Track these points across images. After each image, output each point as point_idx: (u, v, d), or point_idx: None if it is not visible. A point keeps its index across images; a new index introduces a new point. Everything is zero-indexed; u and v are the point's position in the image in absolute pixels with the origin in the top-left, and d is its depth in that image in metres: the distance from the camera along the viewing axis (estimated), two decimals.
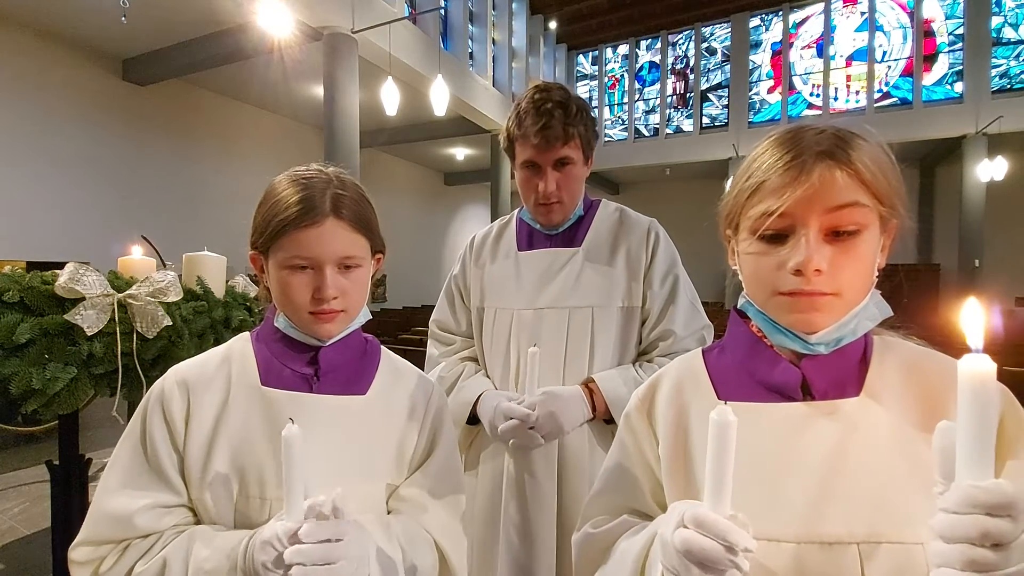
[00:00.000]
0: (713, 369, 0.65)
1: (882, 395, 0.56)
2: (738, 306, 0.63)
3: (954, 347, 0.58)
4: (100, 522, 0.64)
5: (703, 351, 0.69)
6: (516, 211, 1.30)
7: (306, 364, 0.73)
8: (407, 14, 7.13)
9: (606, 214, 1.21)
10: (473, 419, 1.15)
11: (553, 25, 12.50)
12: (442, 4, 8.64)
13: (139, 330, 1.39)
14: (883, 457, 0.53)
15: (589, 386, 1.09)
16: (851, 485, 0.52)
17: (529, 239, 1.23)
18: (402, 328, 7.28)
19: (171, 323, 1.44)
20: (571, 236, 1.19)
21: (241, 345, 0.75)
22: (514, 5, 11.08)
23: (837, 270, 0.52)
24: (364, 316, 0.77)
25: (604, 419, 1.10)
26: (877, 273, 0.56)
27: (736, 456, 0.55)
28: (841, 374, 0.57)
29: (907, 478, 0.51)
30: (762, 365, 0.60)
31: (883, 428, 0.54)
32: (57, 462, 1.58)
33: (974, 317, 0.43)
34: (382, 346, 0.84)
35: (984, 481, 0.39)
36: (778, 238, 0.55)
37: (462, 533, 0.79)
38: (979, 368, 0.39)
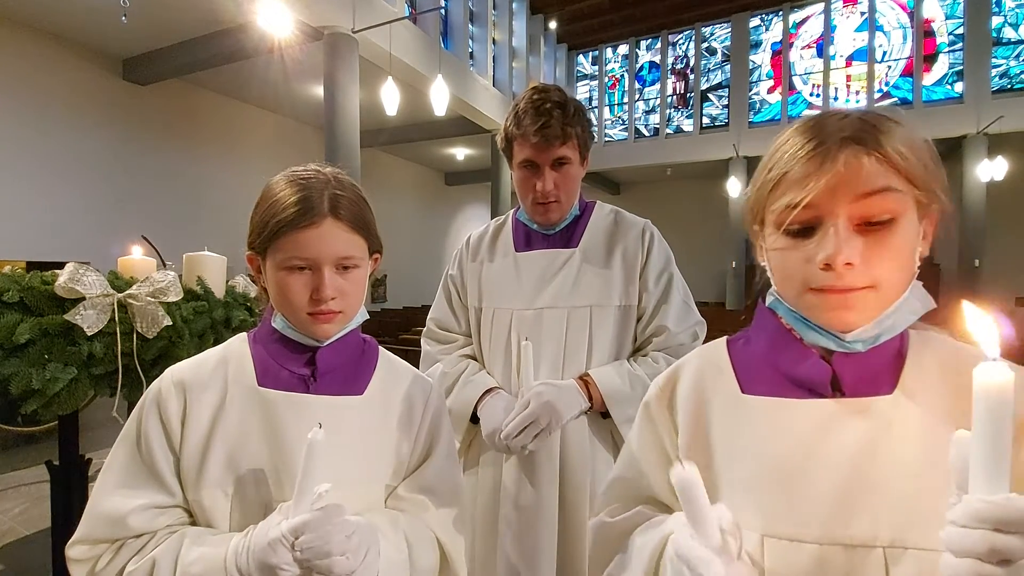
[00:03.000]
0: (737, 360, 0.62)
1: (918, 393, 0.52)
2: (767, 304, 0.61)
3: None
4: (95, 521, 0.64)
5: (728, 340, 0.65)
6: (511, 211, 1.30)
7: (303, 365, 0.72)
8: (407, 14, 7.13)
9: (602, 215, 1.23)
10: (475, 417, 1.15)
11: (553, 25, 12.49)
12: (442, 4, 8.64)
13: (139, 330, 1.39)
14: (915, 459, 0.50)
15: (584, 379, 1.11)
16: (879, 487, 0.50)
17: (526, 239, 1.23)
18: (402, 328, 7.29)
19: (171, 323, 1.44)
20: (568, 237, 1.20)
21: (238, 345, 0.75)
22: (514, 5, 11.08)
23: (871, 262, 0.49)
24: (362, 316, 0.77)
25: (601, 412, 1.12)
26: (919, 263, 0.52)
27: (758, 452, 0.55)
28: (875, 370, 0.53)
29: (939, 482, 0.47)
30: (789, 358, 0.57)
31: (916, 428, 0.51)
32: (57, 462, 1.58)
33: (988, 323, 0.40)
34: (380, 347, 0.83)
35: (995, 495, 0.37)
36: (805, 231, 0.51)
37: (462, 532, 0.80)
38: (995, 378, 0.37)
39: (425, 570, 0.71)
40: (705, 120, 12.72)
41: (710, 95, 12.76)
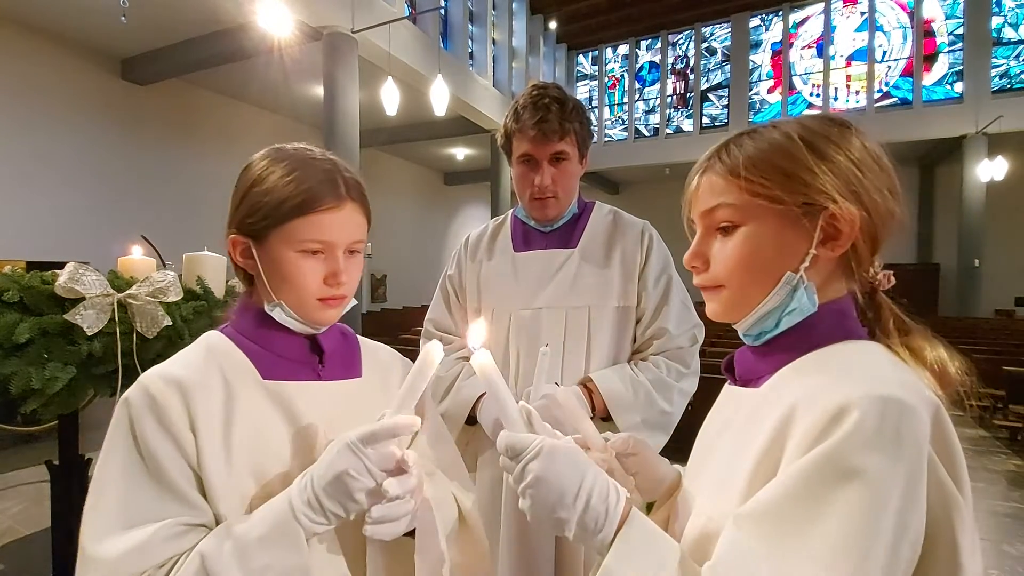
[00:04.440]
0: None
1: (773, 398, 0.51)
2: None
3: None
4: (110, 566, 0.53)
5: None
6: (511, 211, 1.30)
7: (307, 352, 0.71)
8: (407, 14, 7.13)
9: (600, 216, 1.23)
10: (472, 419, 1.15)
11: (553, 25, 12.49)
12: (442, 4, 8.64)
13: (139, 330, 1.39)
14: (735, 450, 0.53)
15: (588, 386, 1.10)
16: (712, 462, 0.58)
17: (525, 238, 1.23)
18: (402, 328, 7.29)
19: (171, 323, 1.44)
20: (567, 236, 1.20)
21: (217, 341, 0.68)
22: (514, 5, 11.08)
23: (715, 265, 0.56)
24: (353, 301, 0.75)
25: (602, 417, 1.11)
26: (805, 264, 0.51)
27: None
28: (758, 364, 0.57)
29: (739, 478, 0.50)
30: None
31: (750, 425, 0.52)
32: (57, 462, 1.58)
33: (477, 329, 0.60)
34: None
35: (506, 432, 0.55)
36: None
37: (471, 490, 0.81)
38: (481, 359, 0.57)
39: (449, 527, 0.72)
40: (705, 120, 12.73)
41: (710, 95, 12.77)
